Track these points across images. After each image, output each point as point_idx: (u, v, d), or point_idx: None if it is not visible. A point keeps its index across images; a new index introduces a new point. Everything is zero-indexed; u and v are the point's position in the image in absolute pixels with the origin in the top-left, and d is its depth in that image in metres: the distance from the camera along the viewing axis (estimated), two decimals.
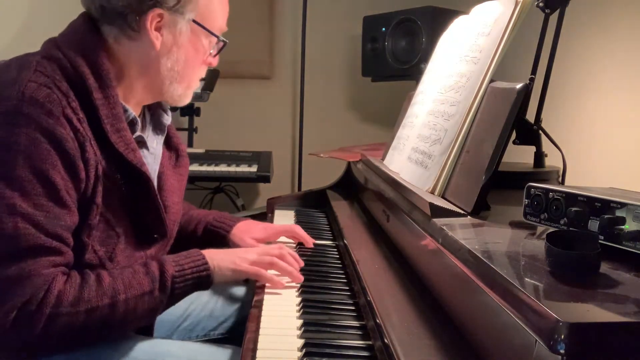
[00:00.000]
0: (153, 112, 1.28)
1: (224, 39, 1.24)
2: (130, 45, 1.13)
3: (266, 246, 1.32)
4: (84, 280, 1.03)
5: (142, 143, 1.20)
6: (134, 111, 1.16)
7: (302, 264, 1.26)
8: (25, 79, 1.02)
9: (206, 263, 1.14)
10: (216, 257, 1.17)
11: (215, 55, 1.25)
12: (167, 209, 1.23)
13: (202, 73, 1.26)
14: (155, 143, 1.27)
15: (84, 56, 1.08)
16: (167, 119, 1.30)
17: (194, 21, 1.16)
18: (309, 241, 1.51)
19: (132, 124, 1.15)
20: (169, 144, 1.33)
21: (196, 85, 1.26)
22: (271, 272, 1.22)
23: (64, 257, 1.03)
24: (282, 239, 1.54)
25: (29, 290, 0.97)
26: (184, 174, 1.35)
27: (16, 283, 0.97)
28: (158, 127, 1.29)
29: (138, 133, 1.18)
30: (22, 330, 0.98)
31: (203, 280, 1.14)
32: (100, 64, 1.09)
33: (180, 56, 1.17)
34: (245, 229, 1.50)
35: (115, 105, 1.10)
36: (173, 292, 1.10)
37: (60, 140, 1.01)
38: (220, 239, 1.48)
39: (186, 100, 1.25)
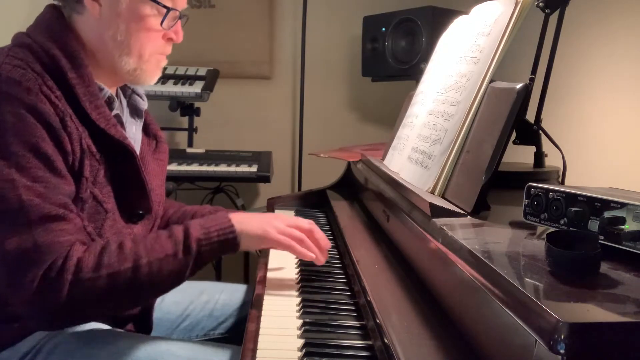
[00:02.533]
0: (129, 97, 1.29)
1: (169, 6, 1.17)
2: (81, 20, 1.15)
3: (297, 218, 1.27)
4: (104, 247, 1.05)
5: (120, 124, 1.20)
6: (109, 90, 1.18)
7: (329, 245, 1.25)
8: None
9: (232, 226, 1.14)
10: (244, 221, 1.16)
11: (171, 28, 1.19)
12: (150, 191, 1.23)
13: (165, 49, 1.21)
14: (134, 129, 1.28)
15: (53, 40, 1.11)
16: (143, 104, 1.31)
17: None
18: None
19: (108, 102, 1.17)
20: (146, 131, 1.34)
21: (157, 63, 1.21)
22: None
23: (73, 224, 1.04)
24: None
25: (47, 258, 0.99)
26: (163, 159, 1.36)
27: (33, 253, 0.99)
28: (135, 112, 1.30)
29: (116, 112, 1.19)
30: (46, 297, 0.99)
31: (230, 243, 1.13)
32: (70, 44, 1.12)
33: (120, 25, 1.14)
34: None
35: (90, 83, 1.12)
36: (199, 255, 1.10)
37: (43, 114, 1.03)
38: None
39: (147, 79, 1.21)
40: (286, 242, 1.18)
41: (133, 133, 1.27)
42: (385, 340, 0.86)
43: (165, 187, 1.37)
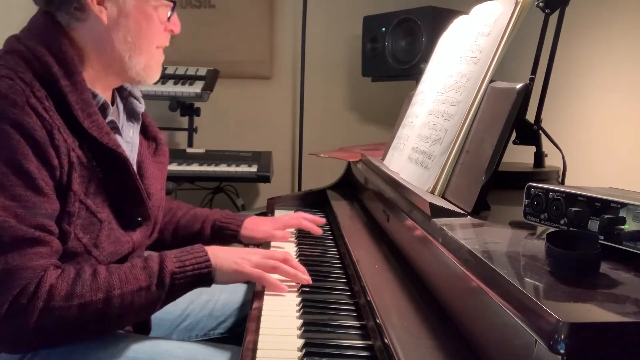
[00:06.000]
0: (125, 100, 1.27)
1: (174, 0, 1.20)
2: (82, 27, 1.13)
3: (271, 250, 1.30)
4: (79, 275, 1.03)
5: (115, 129, 1.19)
6: (103, 96, 1.16)
7: (305, 271, 1.22)
8: None
9: (208, 260, 1.13)
10: (219, 255, 1.15)
11: (169, 19, 1.20)
12: (150, 196, 1.22)
13: (165, 41, 1.23)
14: (131, 132, 1.26)
15: (46, 46, 1.09)
16: (140, 106, 1.29)
17: None
18: (317, 231, 1.55)
19: (102, 108, 1.15)
20: (146, 134, 1.32)
21: (160, 57, 1.23)
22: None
23: (50, 247, 1.03)
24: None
25: (18, 283, 0.97)
26: (164, 162, 1.35)
27: (4, 278, 0.97)
28: (132, 115, 1.28)
29: (110, 118, 1.17)
30: (15, 323, 0.98)
31: (204, 277, 1.12)
32: (64, 51, 1.09)
33: (130, 25, 1.15)
34: (254, 223, 1.51)
35: (84, 90, 1.10)
36: (172, 288, 1.09)
37: (28, 129, 1.01)
38: (230, 237, 1.49)
39: (154, 75, 1.22)
40: (257, 273, 1.17)
41: (130, 137, 1.26)
42: (385, 340, 0.86)
43: (165, 190, 1.36)
